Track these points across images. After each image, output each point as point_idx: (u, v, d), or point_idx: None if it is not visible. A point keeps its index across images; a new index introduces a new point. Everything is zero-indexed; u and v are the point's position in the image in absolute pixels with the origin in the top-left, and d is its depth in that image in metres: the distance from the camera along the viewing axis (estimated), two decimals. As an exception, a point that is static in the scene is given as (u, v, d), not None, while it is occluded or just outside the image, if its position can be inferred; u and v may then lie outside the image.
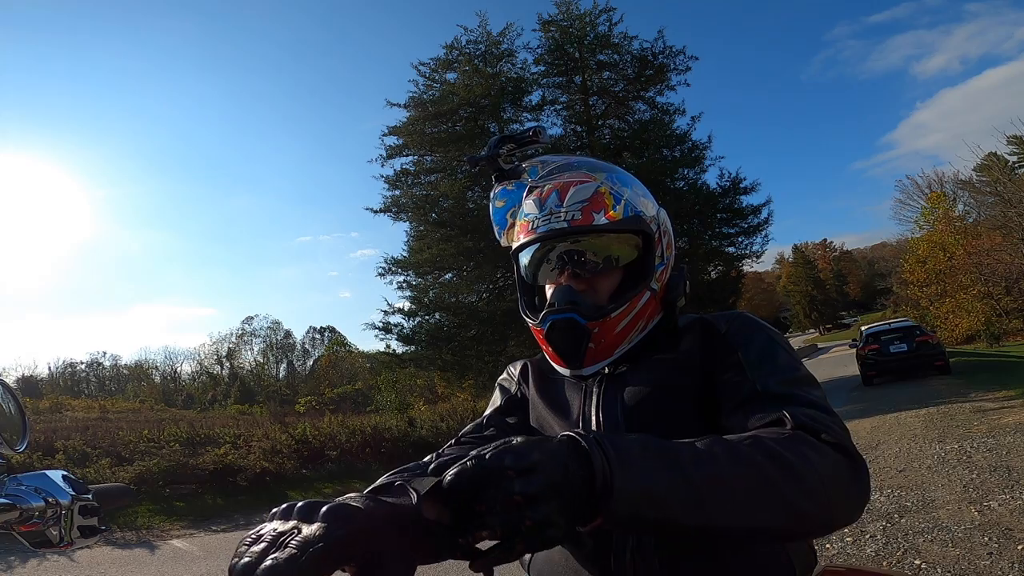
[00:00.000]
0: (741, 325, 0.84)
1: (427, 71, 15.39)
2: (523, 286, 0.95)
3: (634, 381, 0.84)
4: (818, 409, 0.69)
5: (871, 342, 12.63)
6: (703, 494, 0.53)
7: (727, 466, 0.56)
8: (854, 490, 0.64)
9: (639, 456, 0.52)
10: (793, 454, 0.59)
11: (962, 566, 3.08)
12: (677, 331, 0.88)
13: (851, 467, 0.64)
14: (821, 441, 0.64)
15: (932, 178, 27.97)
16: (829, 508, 0.61)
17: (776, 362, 0.77)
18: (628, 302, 0.84)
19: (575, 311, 0.82)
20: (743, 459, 0.57)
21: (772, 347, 0.79)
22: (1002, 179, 23.01)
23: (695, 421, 0.78)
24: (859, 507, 0.65)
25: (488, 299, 14.78)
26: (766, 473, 0.57)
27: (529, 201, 0.89)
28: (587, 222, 0.83)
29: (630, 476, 0.50)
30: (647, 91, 15.99)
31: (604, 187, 0.86)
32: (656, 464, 0.53)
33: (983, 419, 6.83)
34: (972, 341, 23.48)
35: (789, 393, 0.72)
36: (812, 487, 0.59)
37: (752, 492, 0.56)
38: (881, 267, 47.09)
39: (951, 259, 23.28)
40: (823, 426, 0.66)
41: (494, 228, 0.99)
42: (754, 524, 0.56)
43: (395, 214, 15.56)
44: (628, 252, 0.87)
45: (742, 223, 15.77)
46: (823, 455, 0.62)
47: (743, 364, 0.77)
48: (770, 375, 0.75)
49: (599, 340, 0.83)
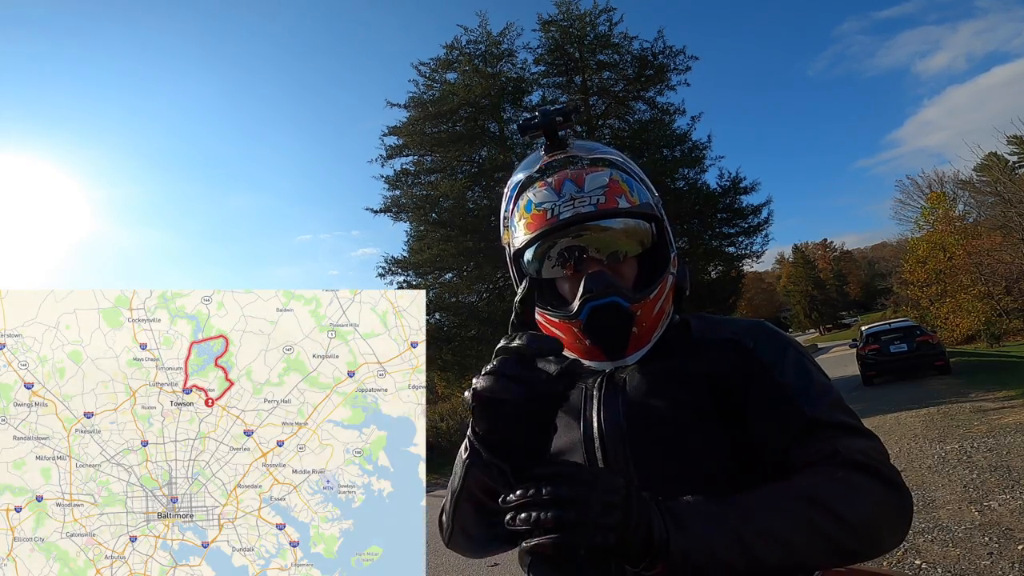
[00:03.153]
0: (767, 339, 0.82)
1: (427, 71, 15.40)
2: (534, 281, 0.87)
3: (636, 384, 0.82)
4: (864, 437, 0.72)
5: (871, 342, 12.63)
6: (756, 551, 0.60)
7: (777, 522, 0.62)
8: (900, 524, 0.68)
9: (696, 518, 0.60)
10: (840, 501, 0.64)
11: (962, 566, 3.08)
12: (689, 331, 0.87)
13: (898, 501, 0.67)
14: (873, 477, 0.67)
15: (932, 178, 27.95)
16: (875, 543, 0.65)
17: (813, 383, 0.77)
18: (660, 283, 0.82)
19: (616, 294, 0.79)
20: (790, 513, 0.63)
21: (804, 364, 0.80)
22: (1002, 179, 23.00)
23: (696, 428, 0.77)
24: (902, 537, 0.69)
25: (488, 299, 14.78)
26: (815, 523, 0.62)
27: (542, 191, 0.84)
28: (612, 205, 0.81)
29: (686, 538, 0.58)
30: (647, 91, 15.98)
31: (616, 175, 0.85)
32: (710, 527, 0.59)
33: (983, 419, 6.83)
34: (972, 341, 23.47)
35: (839, 421, 0.73)
36: (861, 528, 0.63)
37: (802, 543, 0.62)
38: (881, 267, 47.05)
39: (951, 259, 23.27)
40: (876, 462, 0.69)
41: (502, 220, 0.93)
42: (801, 563, 0.63)
43: (395, 214, 15.57)
44: (645, 238, 0.85)
45: (742, 223, 15.78)
46: (875, 494, 0.66)
47: (782, 386, 0.76)
48: (816, 400, 0.75)
49: (641, 324, 0.81)
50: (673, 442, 0.76)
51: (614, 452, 0.78)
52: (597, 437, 0.80)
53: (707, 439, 0.75)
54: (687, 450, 0.75)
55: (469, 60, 14.98)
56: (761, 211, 15.65)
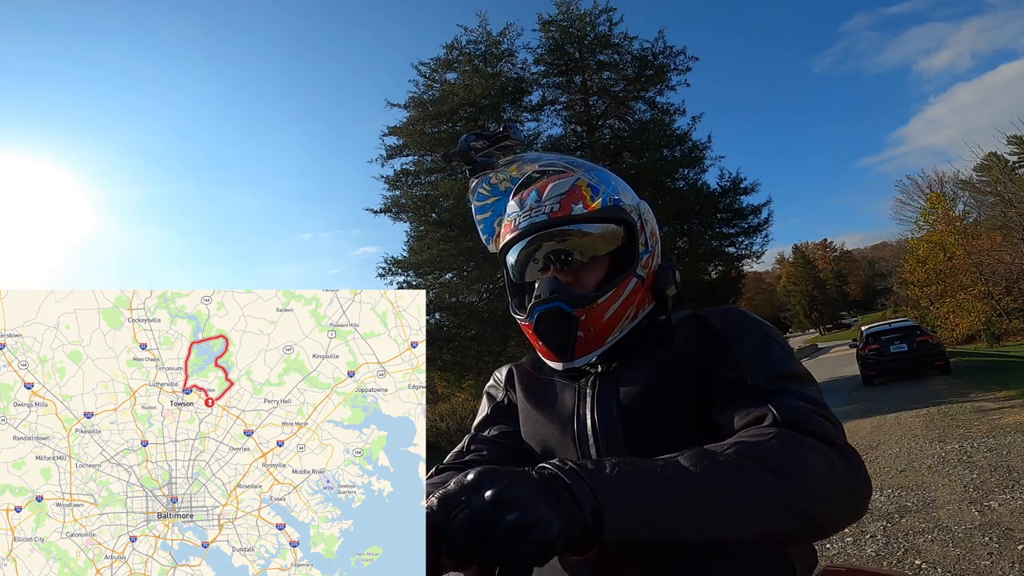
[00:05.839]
0: (735, 321, 0.83)
1: (427, 71, 15.40)
2: (512, 286, 0.95)
3: (628, 379, 0.83)
4: (806, 402, 0.68)
5: (871, 342, 12.63)
6: (698, 508, 0.52)
7: (715, 476, 0.55)
8: (851, 482, 0.62)
9: (620, 482, 0.51)
10: (780, 454, 0.59)
11: (962, 566, 3.08)
12: (670, 325, 0.87)
13: (842, 458, 0.63)
14: (807, 435, 0.63)
15: (932, 178, 27.95)
16: (829, 503, 0.60)
17: (769, 357, 0.77)
18: (614, 288, 0.83)
19: (560, 300, 0.82)
20: (730, 467, 0.56)
21: (766, 342, 0.79)
22: (1002, 179, 23.00)
23: (692, 419, 0.77)
24: (860, 499, 0.63)
25: (488, 299, 14.78)
26: (756, 477, 0.56)
27: (512, 202, 0.91)
28: (566, 213, 0.84)
29: (617, 502, 0.49)
30: (647, 91, 15.99)
31: (583, 180, 0.88)
32: (643, 487, 0.52)
33: (983, 419, 6.83)
34: (972, 341, 23.47)
35: (775, 388, 0.71)
36: (806, 485, 0.58)
37: (747, 498, 0.55)
38: (881, 267, 47.08)
39: (951, 259, 23.27)
40: (808, 419, 0.65)
41: (482, 237, 1.01)
42: (760, 531, 0.55)
43: (395, 214, 15.57)
44: (611, 243, 0.87)
45: (742, 223, 15.78)
46: (811, 450, 0.61)
47: (738, 361, 0.77)
48: (760, 371, 0.74)
49: (588, 329, 0.82)
50: (667, 434, 0.76)
51: (608, 448, 0.79)
52: (591, 435, 0.81)
53: (704, 426, 0.76)
54: (682, 442, 0.75)
55: (469, 60, 14.98)
56: (761, 211, 15.66)
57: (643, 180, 13.07)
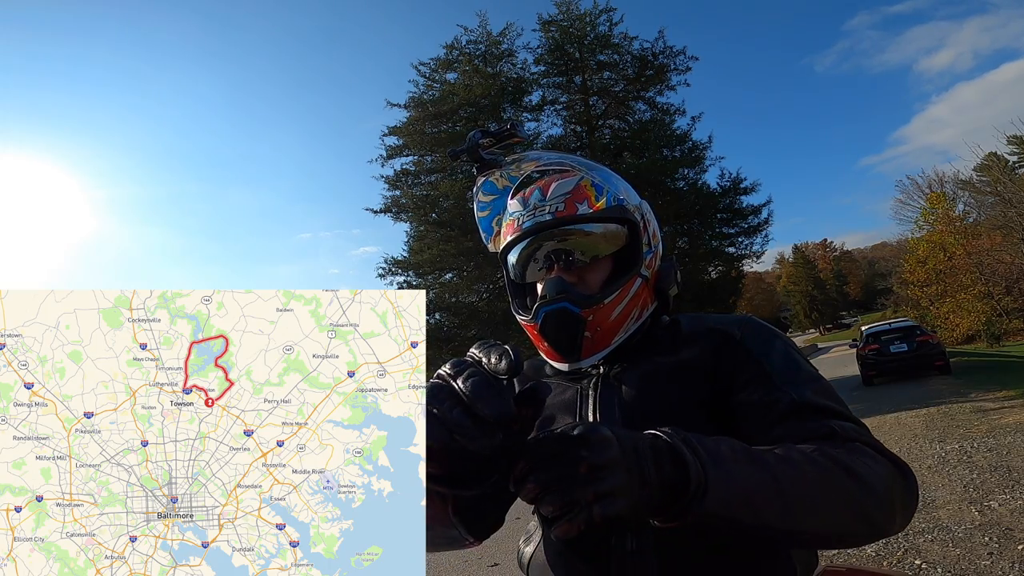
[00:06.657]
0: (755, 331, 0.83)
1: (427, 71, 15.40)
2: (513, 287, 0.95)
3: (632, 382, 0.83)
4: (855, 423, 0.71)
5: (871, 342, 12.63)
6: (791, 498, 0.55)
7: (808, 472, 0.58)
8: (909, 499, 0.67)
9: (730, 458, 0.54)
10: (860, 466, 0.62)
11: (962, 566, 3.08)
12: (676, 327, 0.87)
13: (903, 478, 0.66)
14: (879, 454, 0.66)
15: (932, 178, 27.97)
16: (893, 517, 0.64)
17: (801, 371, 0.77)
18: (620, 288, 0.83)
19: (567, 300, 0.81)
20: (819, 467, 0.59)
21: (793, 356, 0.80)
22: (1002, 179, 23.00)
23: (696, 424, 0.76)
24: (911, 515, 0.68)
25: (488, 299, 14.77)
26: (842, 481, 0.59)
27: (514, 201, 0.90)
28: (571, 212, 0.84)
29: (724, 477, 0.51)
30: (647, 91, 15.98)
31: (586, 180, 0.87)
32: (748, 468, 0.54)
33: (983, 419, 6.83)
34: (972, 341, 23.47)
35: (827, 405, 0.72)
36: (881, 497, 0.62)
37: (833, 499, 0.58)
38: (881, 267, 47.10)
39: (951, 259, 23.27)
40: (870, 439, 0.69)
41: (482, 235, 0.99)
42: (833, 530, 0.60)
43: (395, 214, 15.56)
44: (615, 242, 0.86)
45: (742, 223, 15.77)
46: (883, 467, 0.65)
47: (771, 375, 0.76)
48: (803, 386, 0.75)
49: (595, 329, 0.82)
50: None
51: None
52: None
53: (702, 431, 0.76)
54: None
55: (469, 60, 14.98)
56: (761, 211, 15.65)
57: (643, 180, 13.05)
